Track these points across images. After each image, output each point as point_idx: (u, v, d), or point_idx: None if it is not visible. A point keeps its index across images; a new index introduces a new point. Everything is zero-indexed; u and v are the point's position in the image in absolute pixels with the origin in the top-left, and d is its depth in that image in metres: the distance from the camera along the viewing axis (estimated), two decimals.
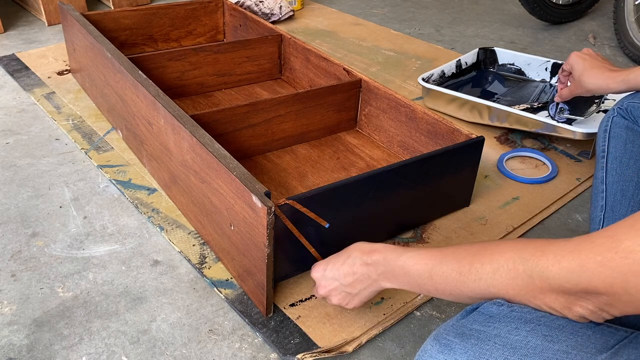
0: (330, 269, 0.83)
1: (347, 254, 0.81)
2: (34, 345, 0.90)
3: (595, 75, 1.07)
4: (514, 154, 1.42)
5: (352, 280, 0.80)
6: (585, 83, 1.09)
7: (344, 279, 0.81)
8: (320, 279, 0.85)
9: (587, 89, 1.10)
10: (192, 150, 1.02)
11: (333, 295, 0.84)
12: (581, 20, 2.45)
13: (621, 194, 0.93)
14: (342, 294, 0.83)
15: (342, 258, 0.82)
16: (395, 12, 2.50)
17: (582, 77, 1.10)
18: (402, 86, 1.77)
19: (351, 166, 1.30)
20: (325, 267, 0.85)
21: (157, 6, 1.73)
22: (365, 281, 0.78)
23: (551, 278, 0.52)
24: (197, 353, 0.89)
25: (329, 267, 0.84)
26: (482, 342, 0.55)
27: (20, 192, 1.24)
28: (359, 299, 0.82)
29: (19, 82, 1.69)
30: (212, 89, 1.60)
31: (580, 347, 0.54)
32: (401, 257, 0.71)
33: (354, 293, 0.81)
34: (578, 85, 1.13)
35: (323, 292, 0.85)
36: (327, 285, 0.84)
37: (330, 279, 0.83)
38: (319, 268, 0.86)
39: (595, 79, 1.07)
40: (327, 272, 0.84)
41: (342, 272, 0.81)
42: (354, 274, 0.79)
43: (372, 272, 0.77)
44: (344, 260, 0.81)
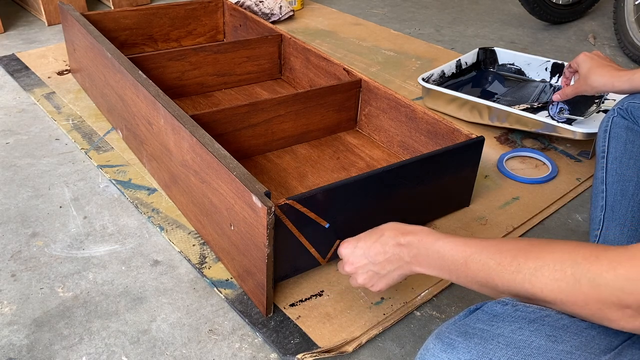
0: (361, 247, 0.80)
1: (379, 233, 0.78)
2: (34, 345, 0.90)
3: (601, 73, 1.07)
4: (514, 154, 1.42)
5: (383, 260, 0.77)
6: (590, 80, 1.09)
7: (374, 257, 0.78)
8: (349, 256, 0.82)
9: (592, 86, 1.10)
10: (192, 150, 1.02)
11: (360, 274, 0.81)
12: (581, 20, 2.45)
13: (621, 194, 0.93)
14: (369, 273, 0.80)
15: (374, 236, 0.79)
16: (395, 12, 2.50)
17: (588, 74, 1.10)
18: (402, 86, 1.77)
19: (351, 166, 1.30)
20: (355, 244, 0.81)
21: (157, 6, 1.73)
22: (396, 262, 0.76)
23: (603, 285, 0.51)
24: (197, 353, 0.89)
25: (359, 244, 0.81)
26: (485, 341, 0.55)
27: (20, 192, 1.24)
28: (386, 281, 0.79)
29: (19, 82, 1.69)
30: (212, 89, 1.60)
31: (584, 347, 0.54)
32: (438, 241, 0.69)
33: (382, 274, 0.78)
34: (583, 82, 1.13)
35: (349, 270, 0.82)
36: (355, 262, 0.81)
37: (360, 256, 0.80)
38: (348, 245, 0.83)
39: (601, 76, 1.07)
40: (356, 250, 0.81)
41: (373, 250, 0.78)
42: (385, 254, 0.77)
43: (404, 253, 0.74)
44: (376, 238, 0.78)
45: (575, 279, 0.53)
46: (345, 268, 0.83)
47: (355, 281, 0.83)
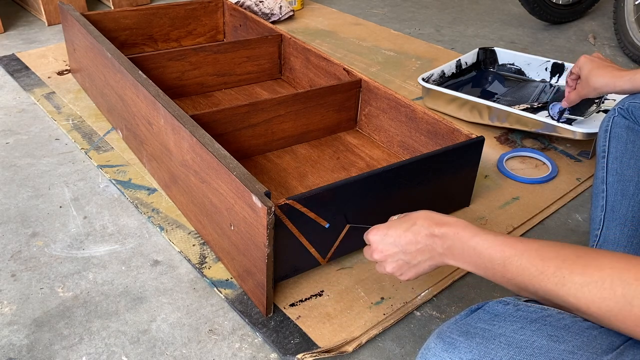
0: (392, 235, 0.78)
1: (412, 221, 0.76)
2: (34, 345, 0.90)
3: (602, 74, 1.07)
4: (514, 154, 1.42)
5: (414, 250, 0.75)
6: (592, 82, 1.09)
7: (406, 247, 0.76)
8: (378, 243, 0.80)
9: (594, 87, 1.09)
10: (192, 150, 1.02)
11: (389, 262, 0.79)
12: (581, 20, 2.45)
13: (621, 194, 0.93)
14: (399, 262, 0.78)
15: (405, 224, 0.77)
16: (395, 12, 2.50)
17: (589, 76, 1.10)
18: (402, 86, 1.77)
19: (351, 166, 1.30)
20: (385, 232, 0.79)
21: (157, 6, 1.73)
22: (428, 253, 0.74)
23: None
24: (197, 353, 0.89)
25: (390, 232, 0.78)
26: (487, 340, 0.55)
27: (20, 192, 1.24)
28: (415, 270, 0.77)
29: (19, 82, 1.69)
30: (212, 89, 1.60)
31: (586, 347, 0.54)
32: (475, 237, 0.67)
33: (413, 263, 0.76)
34: (585, 85, 1.12)
35: (378, 257, 0.80)
36: (384, 250, 0.79)
37: (390, 244, 0.78)
38: (378, 232, 0.80)
39: (602, 77, 1.07)
40: (387, 237, 0.78)
41: (405, 239, 0.76)
42: (417, 243, 0.74)
43: (438, 245, 0.72)
44: (408, 227, 0.76)
45: (627, 300, 0.52)
46: (374, 255, 0.80)
47: (383, 269, 0.80)
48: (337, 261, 1.06)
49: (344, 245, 1.02)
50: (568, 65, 1.68)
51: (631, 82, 0.99)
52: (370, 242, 0.81)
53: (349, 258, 1.07)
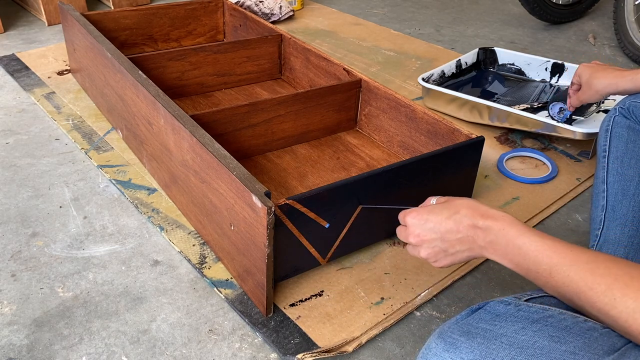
0: (432, 220, 0.75)
1: (454, 209, 0.73)
2: (34, 345, 0.90)
3: (603, 76, 1.07)
4: (514, 154, 1.42)
5: (454, 239, 0.72)
6: (593, 84, 1.09)
7: (445, 234, 0.73)
8: (416, 227, 0.77)
9: (596, 90, 1.09)
10: (192, 150, 1.02)
11: (425, 248, 0.76)
12: (581, 20, 2.45)
13: (622, 194, 0.93)
14: (435, 249, 0.75)
15: (448, 212, 0.74)
16: (395, 12, 2.50)
17: (590, 79, 1.10)
18: (402, 86, 1.77)
19: (351, 166, 1.30)
20: (426, 217, 0.76)
21: (157, 6, 1.73)
22: (468, 244, 0.71)
23: None
24: (197, 353, 0.89)
25: (431, 217, 0.75)
26: (488, 341, 0.55)
27: (20, 192, 1.24)
28: (451, 259, 0.75)
29: (19, 82, 1.69)
30: (212, 89, 1.60)
31: (587, 348, 0.54)
32: (522, 237, 0.65)
33: (449, 252, 0.74)
34: (587, 89, 1.12)
35: (414, 241, 0.77)
36: (422, 235, 0.76)
37: (428, 230, 0.75)
38: (418, 215, 0.77)
39: (604, 78, 1.06)
40: (427, 223, 0.75)
41: (445, 227, 0.73)
42: (457, 233, 0.72)
43: (479, 237, 0.69)
44: (450, 215, 0.73)
45: None
46: (410, 239, 0.78)
47: (417, 252, 0.78)
48: (337, 261, 1.06)
49: (344, 245, 1.02)
50: (568, 65, 1.68)
51: (633, 82, 0.99)
52: (408, 224, 0.78)
53: (349, 258, 1.07)
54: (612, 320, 0.55)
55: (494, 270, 1.08)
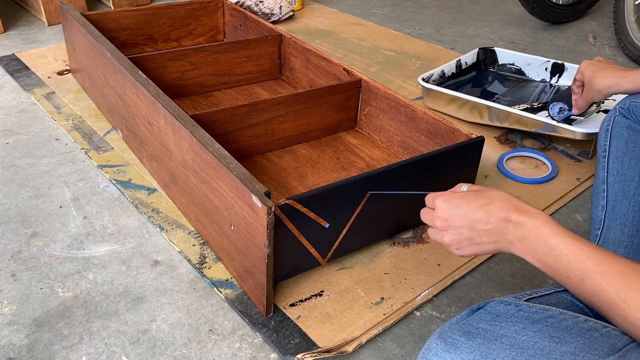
0: (463, 207, 0.72)
1: (487, 199, 0.71)
2: (34, 345, 0.90)
3: (604, 75, 1.06)
4: (514, 154, 1.42)
5: (482, 229, 0.70)
6: (595, 84, 1.08)
7: (475, 223, 0.70)
8: (445, 211, 0.73)
9: (598, 90, 1.08)
10: (192, 150, 1.02)
11: (450, 233, 0.73)
12: (581, 20, 2.45)
13: (622, 194, 0.93)
14: (461, 236, 0.72)
15: (481, 200, 0.71)
16: (395, 12, 2.50)
17: (592, 79, 1.09)
18: (402, 86, 1.77)
19: (351, 166, 1.30)
20: (457, 202, 0.73)
21: (157, 6, 1.73)
22: (496, 236, 0.68)
23: None
24: (197, 353, 0.89)
25: (462, 203, 0.72)
26: (488, 341, 0.55)
27: (20, 192, 1.24)
28: (475, 249, 0.72)
29: (19, 82, 1.69)
30: (212, 89, 1.60)
31: (587, 349, 0.53)
32: (556, 237, 0.62)
33: (475, 242, 0.71)
34: (589, 89, 1.11)
35: (440, 225, 0.74)
36: (450, 219, 0.73)
37: (458, 216, 0.72)
38: (448, 199, 0.74)
39: (605, 78, 1.06)
40: (457, 208, 0.72)
41: (476, 215, 0.70)
42: (487, 223, 0.69)
43: (510, 231, 0.67)
44: (483, 204, 0.70)
45: None
46: (436, 222, 0.74)
47: (440, 237, 0.75)
48: (337, 261, 1.06)
49: (344, 245, 1.02)
50: (568, 65, 1.68)
51: (634, 82, 0.99)
52: (437, 207, 0.75)
53: (349, 258, 1.07)
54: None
55: (494, 270, 1.08)
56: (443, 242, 0.75)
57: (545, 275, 1.08)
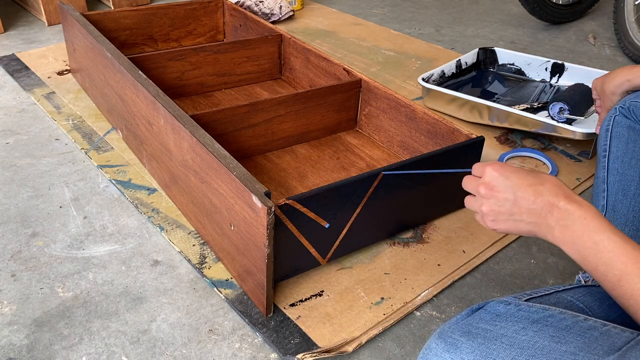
0: (513, 180, 0.69)
1: (540, 180, 0.68)
2: (34, 345, 0.90)
3: (613, 76, 1.03)
4: (514, 154, 1.42)
5: (525, 207, 0.67)
6: (607, 88, 1.03)
7: (519, 199, 0.67)
8: (494, 179, 0.70)
9: (611, 92, 1.03)
10: (192, 150, 1.02)
11: (491, 202, 0.70)
12: (581, 20, 2.45)
13: (622, 194, 0.92)
14: (502, 208, 0.69)
15: (532, 179, 0.68)
16: (395, 12, 2.50)
17: (604, 86, 1.05)
18: (402, 86, 1.77)
19: (351, 166, 1.30)
20: (508, 174, 0.70)
21: (157, 6, 1.73)
22: (537, 218, 0.66)
23: None
24: (197, 353, 0.89)
25: (512, 176, 0.69)
26: (489, 341, 0.55)
27: (20, 192, 1.24)
28: (510, 226, 0.69)
29: (19, 82, 1.69)
30: (212, 89, 1.60)
31: (587, 348, 0.53)
32: (601, 233, 0.60)
33: (514, 218, 0.68)
34: (604, 97, 1.06)
35: (484, 192, 0.70)
36: (496, 188, 0.69)
37: (505, 187, 0.69)
38: (500, 169, 0.71)
39: (615, 79, 1.02)
40: (506, 180, 0.69)
41: (523, 192, 0.67)
42: (532, 203, 0.66)
43: (553, 217, 0.64)
44: (534, 183, 0.67)
45: None
46: (480, 188, 0.71)
47: (479, 205, 0.71)
48: (337, 261, 1.06)
49: (344, 245, 1.02)
50: (568, 65, 1.68)
51: None
52: (485, 174, 0.71)
53: (349, 258, 1.07)
54: None
55: (494, 270, 1.08)
56: (480, 210, 0.71)
57: (545, 276, 1.08)
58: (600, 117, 1.12)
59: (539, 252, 1.13)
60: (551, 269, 1.09)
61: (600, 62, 2.05)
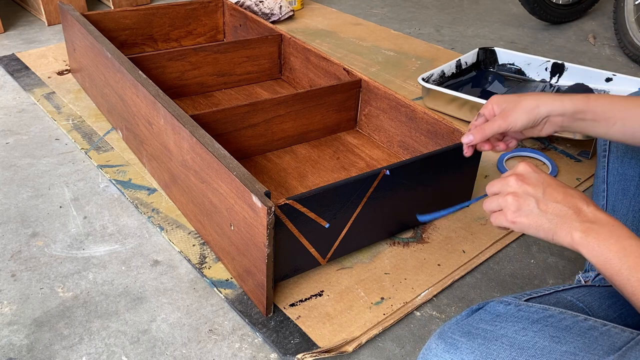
0: (543, 176, 0.68)
1: (568, 187, 0.67)
2: (34, 345, 0.90)
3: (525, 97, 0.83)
4: (514, 154, 1.42)
5: (553, 202, 0.65)
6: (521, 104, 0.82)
7: (549, 194, 0.66)
8: (526, 172, 0.68)
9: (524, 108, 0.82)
10: (192, 150, 1.02)
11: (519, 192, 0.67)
12: (581, 20, 2.45)
13: (622, 194, 0.93)
14: (528, 200, 0.66)
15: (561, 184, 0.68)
16: (395, 12, 2.50)
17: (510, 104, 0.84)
18: (402, 86, 1.77)
19: (351, 166, 1.30)
20: (539, 171, 0.69)
21: (157, 6, 1.73)
22: (562, 215, 0.64)
23: None
24: (197, 353, 0.89)
25: (544, 174, 0.69)
26: (489, 341, 0.55)
27: (20, 192, 1.24)
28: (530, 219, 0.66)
29: (19, 82, 1.69)
30: (212, 89, 1.60)
31: (587, 348, 0.54)
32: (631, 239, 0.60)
33: (540, 208, 0.66)
34: (505, 116, 0.83)
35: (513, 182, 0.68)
36: (527, 180, 0.67)
37: (537, 180, 0.67)
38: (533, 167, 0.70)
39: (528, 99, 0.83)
40: (538, 174, 0.68)
41: (553, 188, 0.66)
42: (561, 200, 0.65)
43: (579, 218, 0.63)
44: (562, 186, 0.67)
45: None
46: (511, 179, 0.68)
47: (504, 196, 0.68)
48: (337, 261, 1.06)
49: (344, 245, 1.02)
50: (568, 65, 1.68)
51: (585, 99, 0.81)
52: (518, 167, 0.70)
53: (349, 258, 1.07)
54: None
55: (494, 270, 1.08)
56: (505, 201, 0.68)
57: (545, 276, 1.08)
58: (479, 134, 0.85)
59: (539, 252, 1.13)
60: (551, 269, 1.09)
61: (600, 62, 2.05)
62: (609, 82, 1.62)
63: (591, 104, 0.80)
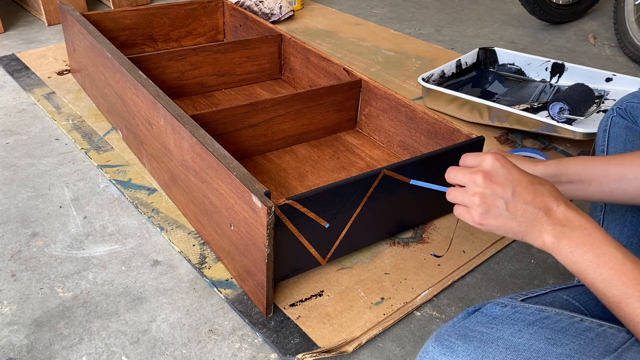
0: (514, 174, 0.63)
1: (541, 181, 0.64)
2: (34, 345, 0.90)
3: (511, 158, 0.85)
4: (514, 153, 1.42)
5: (522, 203, 0.62)
6: None
7: (517, 196, 0.62)
8: (495, 169, 0.64)
9: None
10: (192, 150, 1.02)
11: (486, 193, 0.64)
12: (581, 20, 2.45)
13: None
14: (496, 201, 0.63)
15: (533, 178, 0.64)
16: (395, 12, 2.50)
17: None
18: (402, 86, 1.77)
19: (351, 166, 1.30)
20: (510, 166, 0.64)
21: (157, 6, 1.73)
22: (532, 218, 0.61)
23: None
24: (197, 353, 0.89)
25: (514, 170, 0.64)
26: (485, 344, 0.55)
27: (20, 192, 1.24)
28: (499, 222, 0.63)
29: (19, 82, 1.69)
30: (212, 89, 1.60)
31: (583, 350, 0.54)
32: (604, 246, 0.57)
33: (506, 214, 0.62)
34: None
35: (480, 181, 0.64)
36: (495, 179, 0.63)
37: (506, 179, 0.63)
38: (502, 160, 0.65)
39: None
40: (507, 171, 0.63)
41: (523, 188, 0.62)
42: (531, 201, 0.62)
43: (551, 220, 0.60)
44: (534, 181, 0.63)
45: None
46: (477, 176, 0.64)
47: (470, 195, 0.65)
48: (337, 261, 1.06)
49: (344, 245, 1.02)
50: (568, 65, 1.68)
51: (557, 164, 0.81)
52: (486, 161, 0.65)
53: (349, 258, 1.07)
54: None
55: (494, 270, 1.08)
56: (471, 201, 0.65)
57: (545, 276, 1.08)
58: None
59: (539, 252, 1.13)
60: (551, 269, 1.09)
61: (600, 62, 2.05)
62: (609, 82, 1.62)
63: (563, 166, 0.79)
